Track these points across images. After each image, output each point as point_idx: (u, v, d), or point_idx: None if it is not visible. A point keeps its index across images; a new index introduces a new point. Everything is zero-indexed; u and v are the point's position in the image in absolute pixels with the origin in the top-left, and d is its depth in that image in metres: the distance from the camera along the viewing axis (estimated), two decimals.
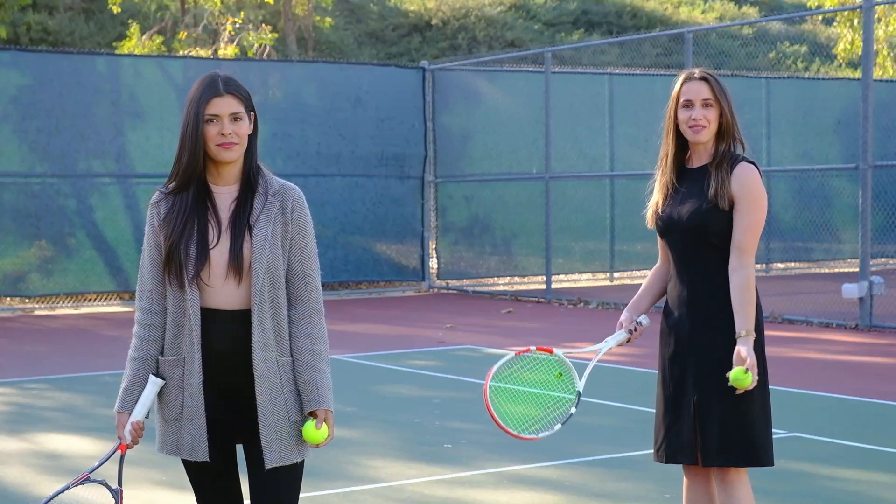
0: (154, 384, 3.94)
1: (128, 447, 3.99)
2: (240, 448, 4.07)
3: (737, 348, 4.39)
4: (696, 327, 4.55)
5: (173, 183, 3.96)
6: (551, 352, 4.64)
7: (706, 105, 4.56)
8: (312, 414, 3.93)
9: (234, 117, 3.90)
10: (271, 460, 3.90)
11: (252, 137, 3.99)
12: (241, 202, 3.95)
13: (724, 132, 4.60)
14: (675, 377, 4.60)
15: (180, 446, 3.95)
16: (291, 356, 3.96)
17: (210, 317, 3.90)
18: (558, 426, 4.50)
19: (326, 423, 3.93)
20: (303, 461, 3.99)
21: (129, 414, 3.97)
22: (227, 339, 3.91)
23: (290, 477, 3.97)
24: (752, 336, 4.40)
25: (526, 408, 4.56)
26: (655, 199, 4.68)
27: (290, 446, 3.92)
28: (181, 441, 3.95)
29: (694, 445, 4.56)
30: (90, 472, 4.04)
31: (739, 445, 4.49)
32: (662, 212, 4.63)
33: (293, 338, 3.97)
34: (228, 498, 4.05)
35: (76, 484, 4.04)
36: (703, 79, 4.61)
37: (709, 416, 4.50)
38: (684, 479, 4.73)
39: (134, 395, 3.97)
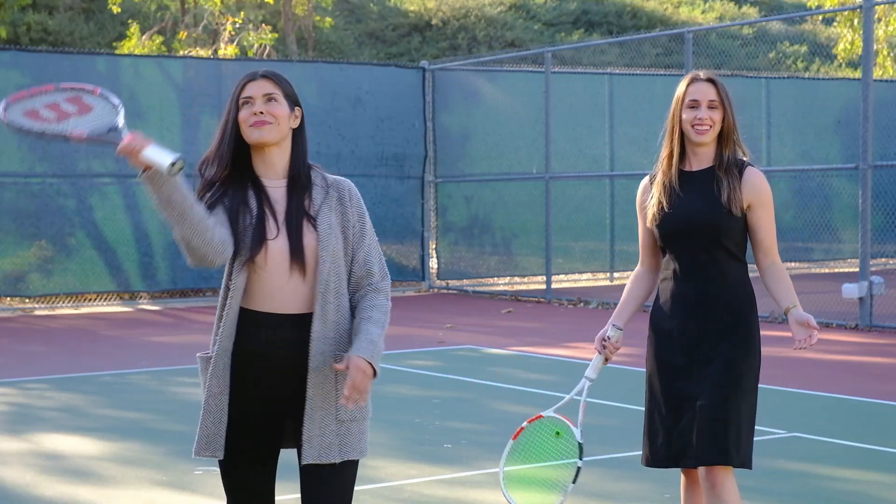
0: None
1: None
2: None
3: (796, 317, 4.56)
4: (705, 331, 4.55)
5: (210, 173, 3.88)
6: (540, 416, 4.68)
7: (712, 107, 4.58)
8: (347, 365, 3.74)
9: (268, 97, 3.85)
10: (309, 457, 3.78)
11: (298, 131, 3.92)
12: (298, 195, 3.87)
13: (726, 136, 4.61)
14: (678, 381, 4.57)
15: (213, 444, 3.85)
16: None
17: (268, 320, 3.83)
18: (571, 486, 4.55)
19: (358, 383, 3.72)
20: (356, 462, 3.87)
21: None
22: (286, 337, 3.83)
23: (340, 479, 3.84)
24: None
25: (539, 487, 4.59)
26: (656, 199, 4.64)
27: (332, 444, 3.79)
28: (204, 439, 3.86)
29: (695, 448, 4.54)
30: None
31: (737, 446, 4.50)
32: (669, 213, 4.60)
33: (356, 312, 3.88)
34: (263, 499, 3.96)
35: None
36: (710, 80, 4.63)
37: (711, 416, 4.48)
38: (683, 482, 4.71)
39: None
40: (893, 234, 19.12)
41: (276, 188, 3.89)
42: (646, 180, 4.76)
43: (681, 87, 4.65)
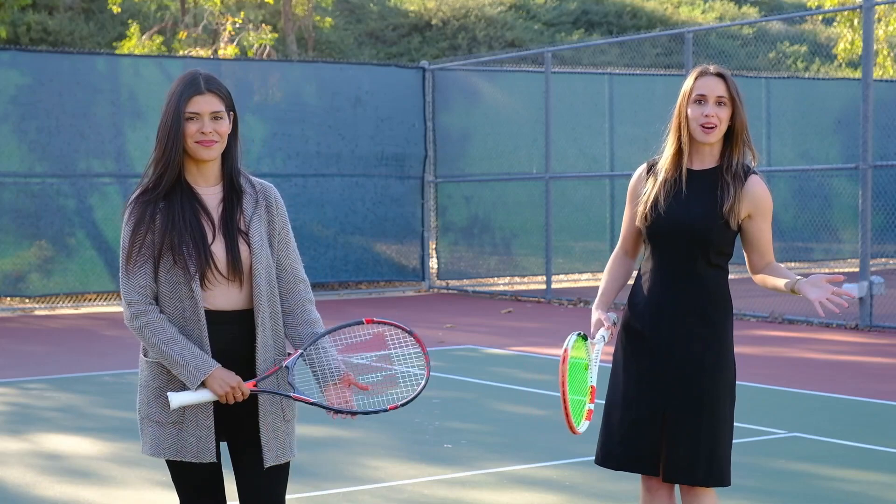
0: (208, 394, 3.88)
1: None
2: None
3: (809, 280, 4.22)
4: (680, 338, 4.36)
5: (151, 181, 3.93)
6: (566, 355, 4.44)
7: (720, 103, 4.35)
8: (343, 381, 3.97)
9: (215, 116, 3.90)
10: (269, 459, 3.93)
11: (232, 137, 3.98)
12: (230, 203, 3.96)
13: (736, 136, 4.39)
14: (642, 383, 4.41)
15: (183, 449, 3.92)
16: (287, 353, 4.00)
17: (209, 318, 3.91)
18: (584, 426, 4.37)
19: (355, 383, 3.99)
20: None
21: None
22: (226, 339, 3.92)
23: (283, 475, 4.01)
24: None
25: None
26: (650, 197, 4.42)
27: (285, 445, 3.98)
28: (184, 444, 3.92)
29: (656, 457, 4.39)
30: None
31: (708, 464, 4.36)
32: (664, 212, 4.38)
33: (293, 327, 4.02)
34: (218, 497, 4.05)
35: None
36: (720, 75, 4.40)
37: (680, 431, 4.35)
38: (642, 491, 4.55)
39: (203, 353, 3.87)
40: (893, 234, 19.12)
41: (211, 195, 3.97)
42: (642, 169, 4.54)
43: (688, 82, 4.42)
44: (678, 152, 4.44)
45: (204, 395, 3.84)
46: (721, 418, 4.39)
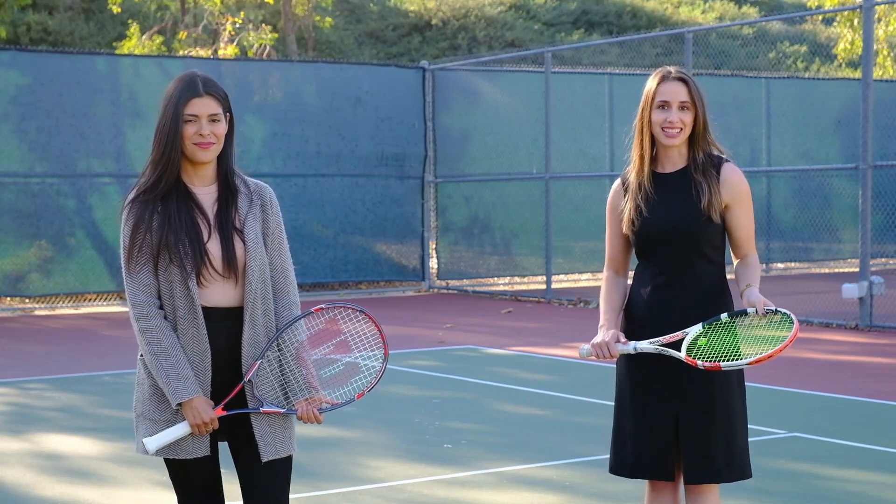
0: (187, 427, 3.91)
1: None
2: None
3: (747, 295, 4.23)
4: (681, 342, 4.30)
5: (149, 181, 3.95)
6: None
7: (683, 108, 4.36)
8: (313, 401, 3.98)
9: (213, 118, 3.94)
10: (267, 454, 3.94)
11: (228, 138, 4.01)
12: (225, 202, 3.99)
13: (698, 137, 4.41)
14: (651, 389, 4.41)
15: (178, 446, 3.94)
16: (278, 350, 4.01)
17: (205, 315, 3.93)
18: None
19: (315, 412, 3.98)
20: (291, 455, 4.05)
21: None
22: (222, 336, 3.94)
23: (284, 470, 4.02)
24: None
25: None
26: (632, 204, 4.46)
27: (284, 440, 3.99)
28: (178, 441, 3.93)
29: (669, 461, 4.41)
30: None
31: (727, 460, 4.39)
32: (646, 219, 4.42)
33: (277, 330, 4.03)
34: (217, 497, 4.06)
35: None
36: (681, 79, 4.39)
37: (696, 433, 4.37)
38: (647, 491, 4.56)
39: (191, 376, 3.90)
40: (893, 234, 19.12)
41: (206, 195, 4.00)
42: (618, 183, 4.59)
43: (650, 85, 4.41)
44: (646, 157, 4.46)
45: (179, 430, 3.89)
46: (733, 414, 4.42)
